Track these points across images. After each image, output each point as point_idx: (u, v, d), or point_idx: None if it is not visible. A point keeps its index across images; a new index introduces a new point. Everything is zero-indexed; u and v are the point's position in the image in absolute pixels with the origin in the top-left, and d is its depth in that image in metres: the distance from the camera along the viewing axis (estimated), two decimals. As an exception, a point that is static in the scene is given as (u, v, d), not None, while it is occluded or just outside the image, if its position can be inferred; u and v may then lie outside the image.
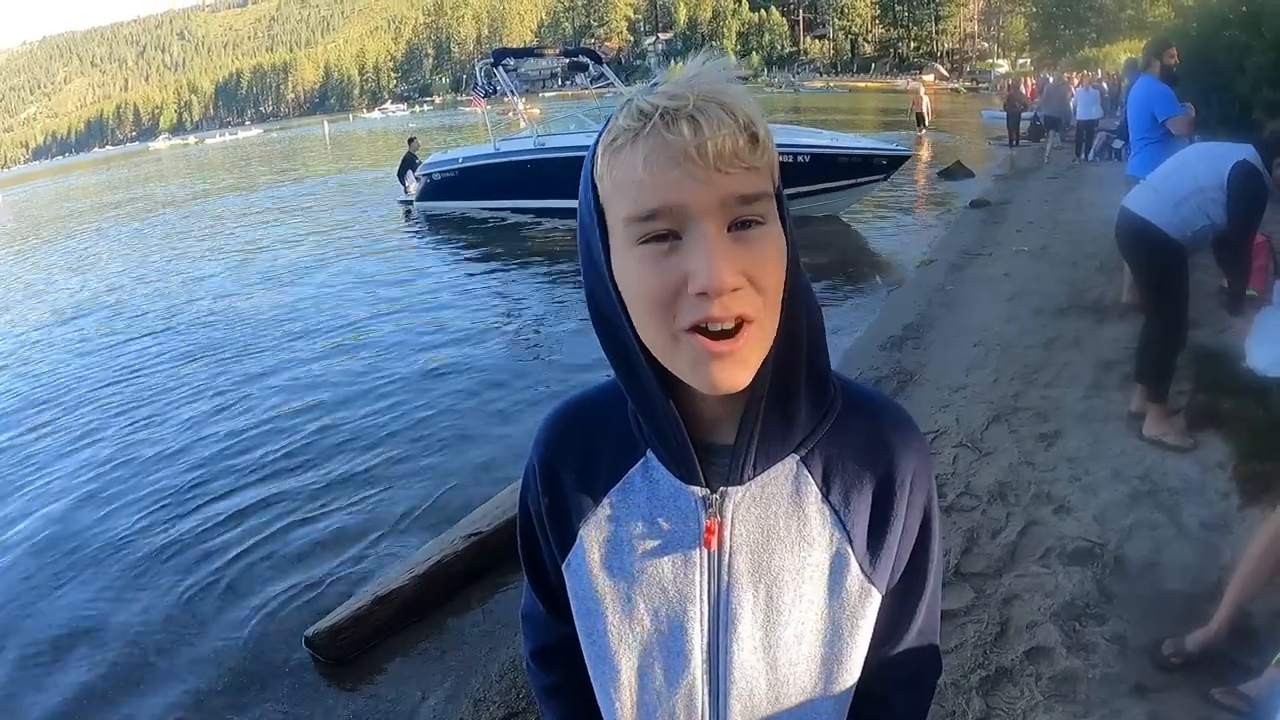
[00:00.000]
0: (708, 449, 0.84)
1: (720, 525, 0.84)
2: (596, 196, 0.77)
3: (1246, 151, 3.84)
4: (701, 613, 0.86)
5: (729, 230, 0.71)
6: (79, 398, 7.52)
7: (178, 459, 5.88)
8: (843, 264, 10.00)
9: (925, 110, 27.28)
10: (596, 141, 0.76)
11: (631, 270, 0.74)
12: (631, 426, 0.88)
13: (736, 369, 0.74)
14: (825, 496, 0.85)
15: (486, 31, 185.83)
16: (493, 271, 11.63)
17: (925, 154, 21.10)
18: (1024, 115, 21.74)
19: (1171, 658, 2.66)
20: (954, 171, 16.60)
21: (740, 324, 0.72)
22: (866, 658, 0.92)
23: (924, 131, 26.35)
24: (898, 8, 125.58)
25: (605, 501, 0.89)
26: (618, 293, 0.77)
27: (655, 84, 0.73)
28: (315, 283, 11.70)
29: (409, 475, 5.30)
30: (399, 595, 3.75)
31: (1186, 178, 3.96)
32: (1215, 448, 4.02)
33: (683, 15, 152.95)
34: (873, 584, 0.88)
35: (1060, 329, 6.07)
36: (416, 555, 4.03)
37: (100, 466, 5.89)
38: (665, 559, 0.87)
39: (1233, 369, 4.57)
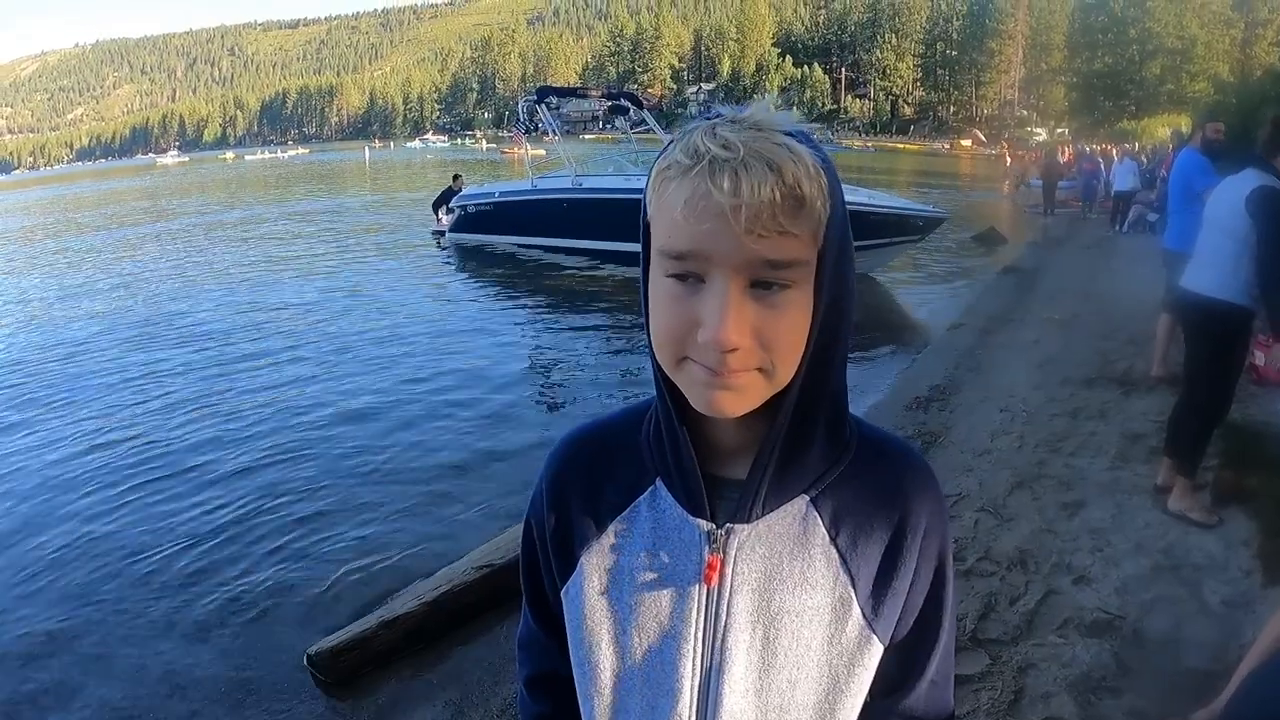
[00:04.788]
0: (719, 483, 0.84)
1: (722, 562, 0.83)
2: (646, 213, 0.78)
3: (1250, 177, 3.85)
4: (695, 651, 0.85)
5: (753, 286, 0.72)
6: (92, 410, 7.55)
7: (191, 472, 5.95)
8: (872, 323, 9.99)
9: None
10: (657, 159, 0.77)
11: (657, 298, 0.76)
12: (644, 454, 0.89)
13: (733, 397, 0.74)
14: (833, 539, 0.84)
15: (532, 70, 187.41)
16: (521, 308, 11.76)
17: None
18: (1063, 184, 21.84)
19: None
20: (988, 237, 16.59)
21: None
22: (878, 704, 0.91)
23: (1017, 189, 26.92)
24: (939, 71, 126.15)
25: (609, 529, 0.89)
26: (647, 308, 0.79)
27: (719, 117, 0.74)
28: (340, 305, 11.86)
29: (424, 503, 5.34)
30: (405, 621, 3.75)
31: (1227, 237, 3.93)
32: (1240, 524, 3.99)
33: (726, 67, 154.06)
34: (874, 632, 0.86)
35: (1087, 399, 6.05)
36: (426, 583, 4.04)
37: (109, 477, 5.95)
38: (664, 592, 0.86)
39: (1260, 444, 4.54)
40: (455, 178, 19.32)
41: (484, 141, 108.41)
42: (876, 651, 0.86)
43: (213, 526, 5.12)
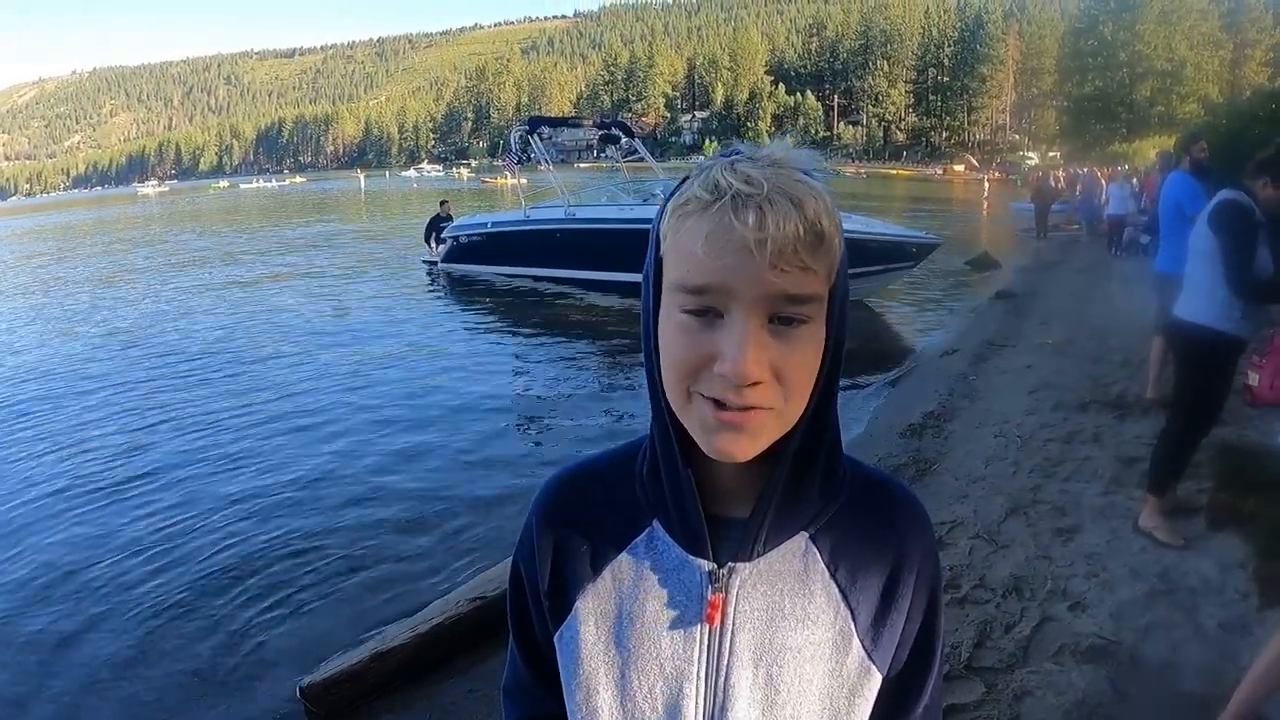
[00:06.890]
0: (717, 521, 0.84)
1: (724, 601, 0.83)
2: (659, 248, 0.79)
3: (1223, 194, 3.89)
4: (698, 691, 0.84)
5: (770, 322, 0.73)
6: (85, 439, 7.53)
7: (181, 502, 5.96)
8: (866, 350, 10.01)
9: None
10: (670, 195, 0.78)
11: (670, 333, 0.76)
12: (638, 494, 0.88)
13: (743, 439, 0.75)
14: (832, 575, 0.85)
15: (526, 99, 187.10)
16: (514, 341, 11.76)
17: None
18: (1056, 207, 21.85)
19: None
20: (981, 262, 16.64)
21: (754, 407, 0.73)
22: None
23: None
24: (931, 97, 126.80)
25: (606, 572, 0.88)
26: (656, 346, 0.79)
27: (737, 154, 0.75)
28: (330, 339, 11.83)
29: (416, 536, 5.33)
30: (398, 653, 3.74)
31: (1204, 261, 3.94)
32: (1236, 547, 3.98)
33: (720, 95, 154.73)
34: (874, 663, 0.86)
35: (1081, 423, 6.05)
36: (419, 615, 4.03)
37: (99, 508, 5.94)
38: (665, 634, 0.85)
39: (1255, 465, 4.53)
40: (442, 203, 19.52)
41: (465, 171, 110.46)
42: (876, 682, 0.87)
43: (206, 557, 5.11)
